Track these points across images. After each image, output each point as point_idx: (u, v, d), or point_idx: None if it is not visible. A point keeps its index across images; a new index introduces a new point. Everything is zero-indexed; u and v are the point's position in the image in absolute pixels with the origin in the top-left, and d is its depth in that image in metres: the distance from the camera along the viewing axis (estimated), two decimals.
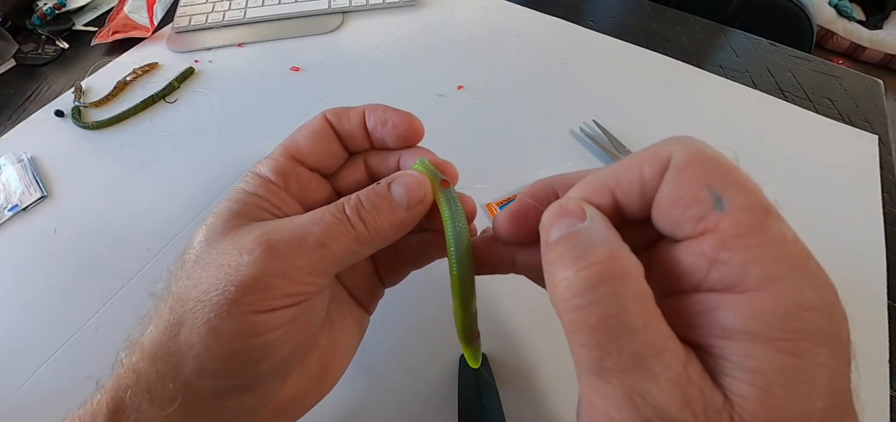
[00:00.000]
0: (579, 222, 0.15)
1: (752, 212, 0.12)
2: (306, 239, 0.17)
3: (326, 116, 0.22)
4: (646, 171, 0.14)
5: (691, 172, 0.13)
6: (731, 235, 0.12)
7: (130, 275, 0.36)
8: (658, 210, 0.14)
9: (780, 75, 0.52)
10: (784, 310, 0.12)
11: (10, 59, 0.54)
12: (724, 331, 0.12)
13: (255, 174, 0.21)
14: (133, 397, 0.17)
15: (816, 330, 0.12)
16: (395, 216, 0.19)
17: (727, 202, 0.13)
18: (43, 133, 0.46)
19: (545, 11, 0.59)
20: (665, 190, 0.14)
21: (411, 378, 0.30)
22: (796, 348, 0.11)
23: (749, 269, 0.12)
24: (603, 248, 0.13)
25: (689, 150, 0.14)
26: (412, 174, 0.20)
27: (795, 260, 0.12)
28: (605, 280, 0.13)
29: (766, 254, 0.12)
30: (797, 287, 0.12)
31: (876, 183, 0.41)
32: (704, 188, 0.13)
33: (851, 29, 1.89)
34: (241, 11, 0.58)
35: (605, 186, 0.16)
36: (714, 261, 0.13)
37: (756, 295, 0.12)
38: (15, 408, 0.30)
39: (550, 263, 0.14)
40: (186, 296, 0.17)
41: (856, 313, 0.35)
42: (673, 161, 0.14)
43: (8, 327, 0.34)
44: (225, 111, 0.48)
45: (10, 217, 0.40)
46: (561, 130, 0.45)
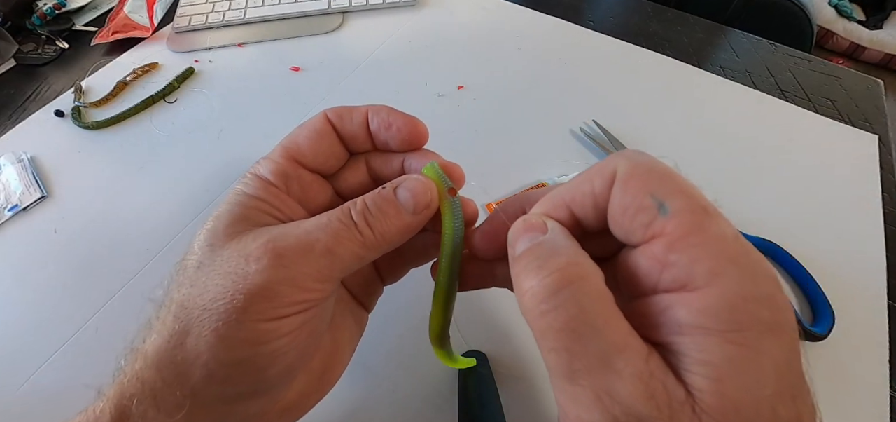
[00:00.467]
0: (541, 235, 0.16)
1: (693, 213, 0.13)
2: (314, 246, 0.17)
3: (328, 115, 0.22)
4: (596, 184, 0.15)
5: (634, 182, 0.14)
6: (676, 237, 0.13)
7: (130, 275, 0.36)
8: (612, 219, 0.15)
9: (781, 75, 0.52)
10: (728, 303, 0.12)
11: (10, 59, 0.54)
12: (680, 328, 0.13)
13: (254, 176, 0.20)
14: (138, 404, 0.17)
15: (760, 320, 0.12)
16: (402, 221, 0.19)
17: (669, 206, 0.13)
18: (43, 133, 0.46)
19: (545, 11, 0.59)
20: (614, 201, 0.15)
21: (411, 378, 0.30)
22: (743, 339, 0.12)
23: (695, 267, 0.13)
24: (562, 256, 0.14)
25: (632, 162, 0.15)
26: (419, 179, 0.19)
27: (736, 255, 0.13)
28: (566, 285, 0.14)
29: (709, 251, 0.13)
30: (739, 280, 0.12)
31: (876, 183, 0.41)
32: (648, 196, 0.14)
33: (851, 29, 1.89)
34: (241, 11, 0.58)
35: (563, 201, 0.17)
36: (664, 263, 0.13)
37: (703, 291, 0.13)
38: (15, 408, 0.30)
39: (517, 275, 0.15)
40: (191, 304, 0.17)
41: (856, 313, 0.35)
42: (618, 174, 0.15)
43: (8, 327, 0.34)
44: (225, 111, 0.48)
45: (10, 217, 0.40)
46: (561, 129, 0.45)
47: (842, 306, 0.32)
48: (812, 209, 0.39)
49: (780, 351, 0.12)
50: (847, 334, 0.32)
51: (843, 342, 0.31)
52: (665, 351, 0.13)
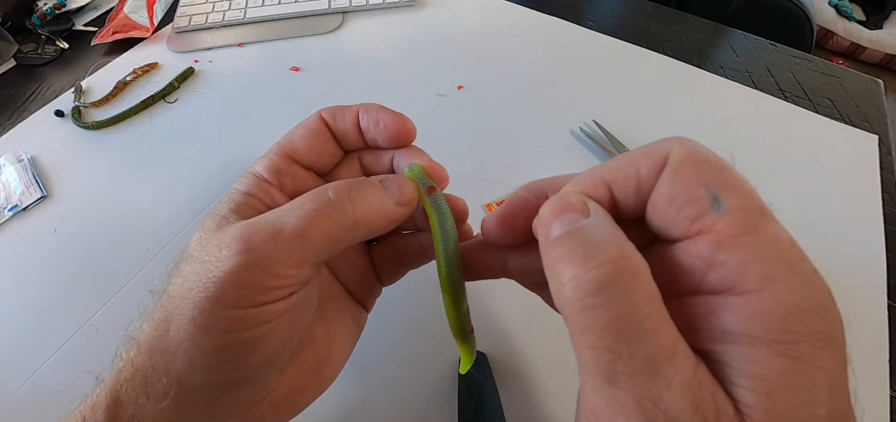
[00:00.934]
0: (582, 218, 0.14)
1: (749, 212, 0.12)
2: (282, 230, 0.17)
3: (322, 114, 0.22)
4: (642, 167, 0.14)
5: (688, 171, 0.13)
6: (727, 236, 0.12)
7: (130, 275, 0.36)
8: (653, 208, 0.14)
9: (781, 75, 0.52)
10: (783, 311, 0.11)
11: (10, 59, 0.54)
12: (725, 335, 0.12)
13: (250, 173, 0.21)
14: (130, 390, 0.17)
15: (815, 332, 0.11)
16: (384, 204, 0.19)
17: (724, 202, 0.12)
18: (43, 133, 0.46)
19: (545, 11, 0.59)
20: (661, 188, 0.14)
21: (411, 378, 0.30)
22: (797, 352, 0.11)
23: (747, 269, 0.12)
24: (612, 246, 0.13)
25: (687, 149, 0.14)
26: (403, 179, 0.20)
27: (792, 261, 0.12)
28: (617, 280, 0.12)
29: (763, 254, 0.12)
30: (795, 288, 0.12)
31: (876, 183, 0.41)
32: (702, 187, 0.13)
33: (851, 29, 1.89)
34: (241, 11, 0.58)
35: (602, 180, 0.15)
36: (711, 262, 0.12)
37: (754, 296, 0.12)
38: (15, 408, 0.30)
39: (555, 261, 0.14)
40: (175, 293, 0.17)
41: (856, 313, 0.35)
42: (670, 159, 0.14)
43: (8, 326, 0.34)
44: (225, 111, 0.48)
45: (10, 217, 0.40)
46: (561, 129, 0.45)
47: (842, 306, 0.32)
48: (812, 209, 0.39)
49: (834, 367, 0.11)
50: (848, 334, 0.31)
51: None
52: (707, 359, 0.12)
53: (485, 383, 0.29)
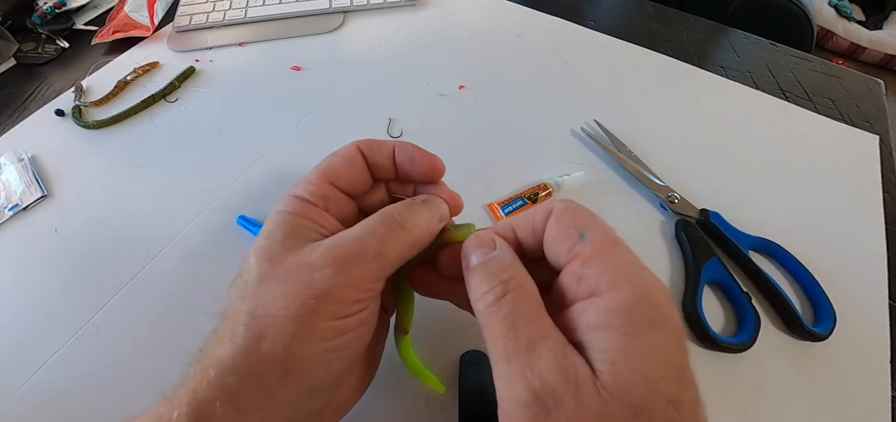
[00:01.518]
0: (491, 251, 0.20)
1: (604, 241, 0.18)
2: (366, 251, 0.20)
3: (359, 146, 0.25)
4: (536, 217, 0.20)
5: (565, 217, 0.19)
6: (588, 257, 0.18)
7: (131, 274, 0.36)
8: (547, 247, 0.20)
9: (781, 75, 0.52)
10: (623, 305, 0.16)
11: (10, 58, 0.54)
12: (590, 327, 0.17)
13: (294, 197, 0.23)
14: (219, 406, 0.18)
15: (647, 318, 0.16)
16: (431, 222, 0.22)
17: (588, 235, 0.18)
18: (43, 132, 0.46)
19: (546, 11, 0.59)
20: (549, 232, 0.20)
21: (411, 378, 0.30)
22: (632, 331, 0.16)
23: (600, 279, 0.17)
24: (508, 270, 0.19)
25: (565, 204, 0.20)
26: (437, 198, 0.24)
27: (632, 272, 0.17)
28: (509, 291, 0.18)
29: (612, 268, 0.17)
30: (631, 289, 0.17)
31: (877, 183, 0.41)
32: (573, 227, 0.19)
33: (851, 29, 1.89)
34: (242, 11, 0.58)
35: (510, 225, 0.22)
36: (580, 276, 0.18)
37: (605, 296, 0.17)
38: (16, 408, 0.30)
39: (472, 283, 0.20)
40: (262, 312, 0.19)
41: (857, 314, 0.35)
42: (553, 211, 0.20)
43: (9, 326, 0.34)
44: (226, 111, 0.48)
45: (11, 217, 0.39)
46: (562, 129, 0.45)
47: (843, 307, 0.32)
48: (813, 209, 0.39)
49: (663, 342, 0.16)
50: (848, 334, 0.32)
51: (845, 343, 0.31)
52: (581, 348, 0.17)
53: (485, 384, 0.29)
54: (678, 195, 0.39)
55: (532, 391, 0.16)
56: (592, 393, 0.15)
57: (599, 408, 0.15)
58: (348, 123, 0.47)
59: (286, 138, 0.45)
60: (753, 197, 0.40)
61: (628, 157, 0.42)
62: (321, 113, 0.47)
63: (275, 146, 0.44)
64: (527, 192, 0.39)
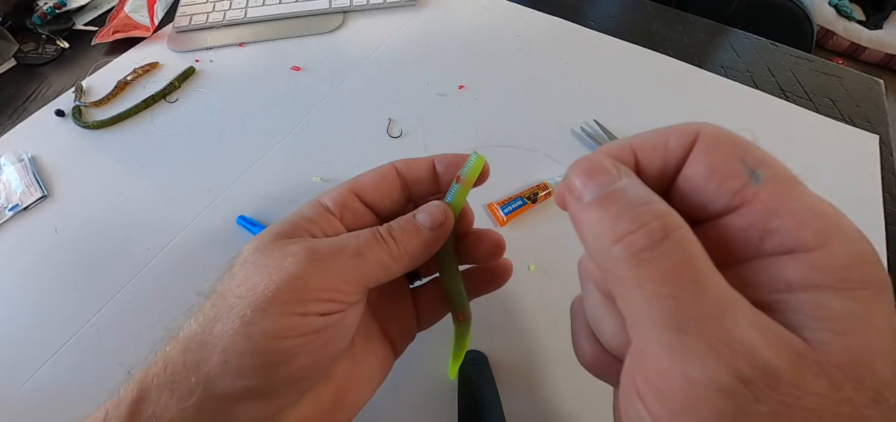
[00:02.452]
0: (614, 181, 0.14)
1: (787, 181, 0.13)
2: (345, 248, 0.19)
3: (396, 164, 0.24)
4: (672, 141, 0.15)
5: (723, 148, 0.14)
6: (775, 204, 0.13)
7: (131, 274, 0.36)
8: (689, 184, 0.15)
9: (781, 75, 0.52)
10: (842, 262, 0.12)
11: (10, 58, 0.54)
12: (789, 285, 0.13)
13: (317, 202, 0.22)
14: (157, 385, 0.18)
15: (870, 278, 0.12)
16: (421, 237, 0.21)
17: (761, 174, 0.13)
18: (43, 133, 0.46)
19: (546, 11, 0.59)
20: (697, 165, 0.14)
21: (411, 378, 0.30)
22: (860, 296, 0.12)
23: (802, 230, 0.13)
24: (657, 203, 0.13)
25: (718, 129, 0.14)
26: (435, 204, 0.22)
27: (837, 219, 0.13)
28: (669, 233, 0.13)
29: (813, 216, 0.13)
30: (847, 242, 0.12)
31: (877, 183, 0.41)
32: (738, 162, 0.13)
33: (851, 29, 1.89)
34: (242, 11, 0.58)
35: (630, 148, 0.16)
36: (766, 229, 0.13)
37: (818, 253, 0.12)
38: (16, 408, 0.30)
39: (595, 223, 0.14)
40: (229, 293, 0.18)
41: None
42: (702, 137, 0.14)
43: (9, 326, 0.34)
44: (226, 111, 0.48)
45: (11, 217, 0.40)
46: (562, 129, 0.45)
47: None
48: None
49: (889, 309, 0.12)
50: None
51: None
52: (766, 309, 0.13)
53: (485, 384, 0.29)
54: None
55: (735, 371, 0.11)
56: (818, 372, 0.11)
57: (829, 392, 0.11)
58: (348, 123, 0.47)
59: (286, 138, 0.45)
60: None
61: None
62: (321, 113, 0.47)
63: (275, 146, 0.44)
64: (526, 192, 0.39)
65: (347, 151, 0.44)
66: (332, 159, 0.43)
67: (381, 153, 0.44)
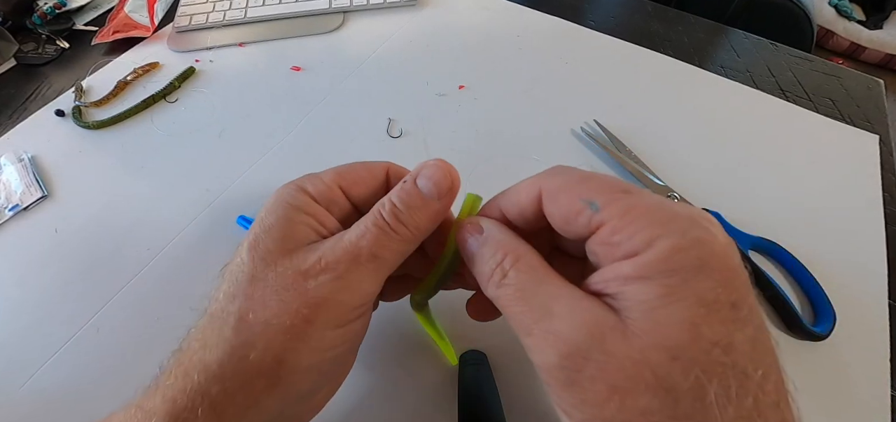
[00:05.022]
0: (479, 234, 0.20)
1: (619, 199, 0.17)
2: (360, 256, 0.19)
3: (389, 166, 0.23)
4: (522, 196, 0.20)
5: (564, 195, 0.18)
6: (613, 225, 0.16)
7: (131, 275, 0.36)
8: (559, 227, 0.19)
9: (781, 75, 0.52)
10: (662, 257, 0.15)
11: (10, 58, 0.54)
12: (625, 279, 0.16)
13: (301, 190, 0.21)
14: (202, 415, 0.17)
15: (686, 264, 0.15)
16: (430, 210, 0.20)
17: (597, 203, 0.17)
18: (43, 133, 0.46)
19: (546, 11, 0.59)
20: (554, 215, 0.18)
21: (411, 378, 0.30)
22: (672, 281, 0.15)
23: (635, 239, 0.16)
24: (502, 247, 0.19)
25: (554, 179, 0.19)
26: (434, 165, 0.21)
27: (664, 218, 0.16)
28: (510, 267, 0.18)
29: (644, 222, 0.16)
30: (672, 240, 0.15)
31: (877, 183, 0.41)
32: (578, 201, 0.17)
33: (851, 29, 1.89)
34: (242, 11, 0.58)
35: (496, 207, 0.21)
36: (611, 244, 0.17)
37: (645, 254, 0.15)
38: (16, 408, 0.30)
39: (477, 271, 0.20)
40: (253, 319, 0.18)
41: (857, 313, 0.35)
42: (544, 192, 0.19)
43: (9, 326, 0.34)
44: (226, 111, 0.48)
45: (11, 217, 0.40)
46: (562, 129, 0.45)
47: (843, 306, 0.32)
48: (813, 209, 0.39)
49: (706, 285, 0.15)
50: (848, 333, 0.32)
51: (845, 342, 0.31)
52: (611, 299, 0.16)
53: (485, 383, 0.29)
54: (678, 195, 0.39)
55: (559, 353, 0.16)
56: (621, 340, 0.15)
57: (632, 354, 0.15)
58: (348, 124, 0.47)
59: (286, 138, 0.45)
60: (753, 197, 0.40)
61: (628, 157, 0.42)
62: (321, 113, 0.47)
63: (275, 146, 0.44)
64: None
65: (347, 151, 0.44)
66: (333, 159, 0.43)
67: (381, 153, 0.44)
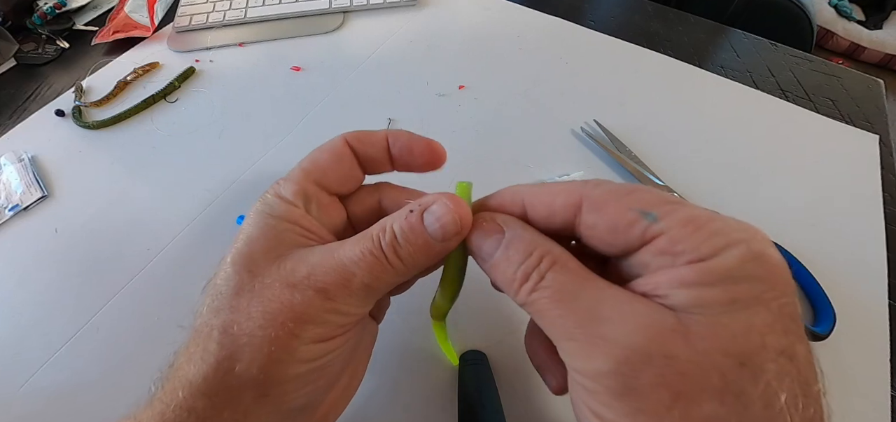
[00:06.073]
0: (501, 236, 0.18)
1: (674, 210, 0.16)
2: (351, 281, 0.18)
3: (347, 140, 0.22)
4: (558, 201, 0.18)
5: (613, 206, 0.17)
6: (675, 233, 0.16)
7: (131, 275, 0.36)
8: (594, 238, 0.17)
9: (781, 75, 0.52)
10: (730, 265, 0.15)
11: (10, 58, 0.54)
12: (684, 284, 0.15)
13: (278, 198, 0.20)
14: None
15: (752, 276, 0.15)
16: (431, 250, 0.19)
17: (655, 214, 0.16)
18: (43, 133, 0.46)
19: (546, 11, 0.59)
20: (599, 226, 0.17)
21: (411, 378, 0.30)
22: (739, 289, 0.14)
23: (701, 248, 0.15)
24: (534, 249, 0.17)
25: (602, 189, 0.17)
26: (444, 205, 0.18)
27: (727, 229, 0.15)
28: (546, 271, 0.17)
29: (707, 232, 0.15)
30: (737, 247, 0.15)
31: (877, 183, 0.41)
32: (630, 212, 0.16)
33: (851, 29, 1.89)
34: (242, 11, 0.58)
35: (520, 199, 0.19)
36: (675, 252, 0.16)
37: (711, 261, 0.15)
38: (16, 408, 0.30)
39: (501, 278, 0.18)
40: (237, 331, 0.17)
41: (857, 313, 0.35)
42: (587, 201, 0.17)
43: (9, 326, 0.34)
44: (226, 111, 0.48)
45: (11, 217, 0.40)
46: (562, 129, 0.45)
47: (843, 306, 0.32)
48: (813, 209, 0.39)
49: (772, 295, 0.15)
50: (848, 333, 0.32)
51: (845, 342, 0.31)
52: (662, 301, 0.15)
53: (485, 383, 0.29)
54: (678, 195, 0.39)
55: (614, 358, 0.14)
56: (684, 343, 0.14)
57: (697, 358, 0.14)
58: (348, 124, 0.46)
59: (286, 138, 0.45)
60: (753, 196, 0.40)
61: (628, 157, 0.42)
62: (321, 113, 0.47)
63: (275, 146, 0.44)
64: None
65: None
66: None
67: None
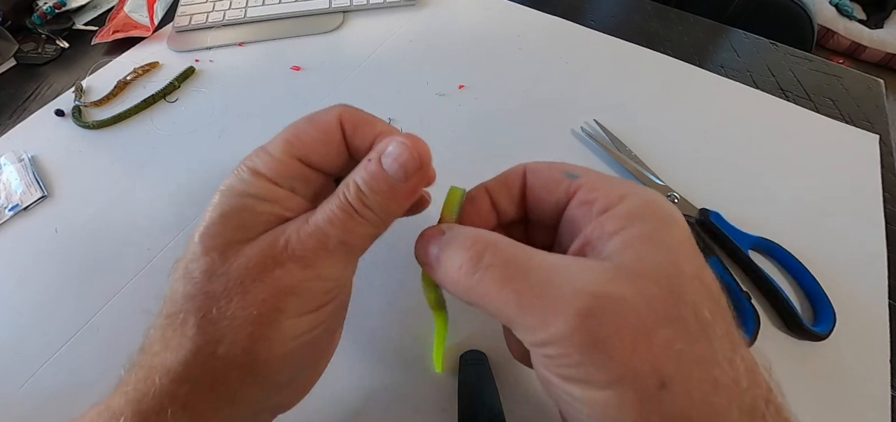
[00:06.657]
0: (441, 237, 0.19)
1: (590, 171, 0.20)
2: (327, 242, 0.18)
3: (342, 119, 0.20)
4: (509, 177, 0.21)
5: (546, 169, 0.21)
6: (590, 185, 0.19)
7: (131, 274, 0.36)
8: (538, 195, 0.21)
9: (782, 75, 0.52)
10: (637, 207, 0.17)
11: (10, 58, 0.54)
12: (610, 234, 0.17)
13: (253, 172, 0.19)
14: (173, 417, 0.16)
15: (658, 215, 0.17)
16: (398, 192, 0.18)
17: (575, 173, 0.20)
18: (43, 133, 0.46)
19: (546, 11, 0.59)
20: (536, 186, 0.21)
21: (411, 377, 0.30)
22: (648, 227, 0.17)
23: (610, 195, 0.18)
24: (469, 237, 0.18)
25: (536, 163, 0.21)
26: (399, 142, 0.18)
27: (632, 186, 0.19)
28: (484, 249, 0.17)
29: (617, 185, 0.19)
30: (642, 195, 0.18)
31: (877, 183, 0.41)
32: (559, 173, 0.20)
33: (852, 28, 1.89)
34: (242, 11, 0.58)
35: (484, 189, 0.22)
36: (590, 201, 0.18)
37: (620, 206, 0.18)
38: (16, 408, 0.30)
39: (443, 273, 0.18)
40: (217, 314, 0.17)
41: (857, 313, 0.35)
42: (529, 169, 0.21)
43: (9, 326, 0.34)
44: (226, 111, 0.48)
45: (11, 217, 0.40)
46: (562, 129, 0.45)
47: (843, 306, 0.32)
48: (813, 209, 0.39)
49: (678, 232, 0.17)
50: (848, 333, 0.32)
51: (845, 342, 0.31)
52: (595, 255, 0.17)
53: (485, 384, 0.29)
54: (678, 195, 0.39)
55: (575, 314, 0.15)
56: (627, 283, 0.15)
57: (641, 293, 0.15)
58: None
59: None
60: (753, 197, 0.40)
61: (628, 156, 0.42)
62: None
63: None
64: None
65: None
66: None
67: None
